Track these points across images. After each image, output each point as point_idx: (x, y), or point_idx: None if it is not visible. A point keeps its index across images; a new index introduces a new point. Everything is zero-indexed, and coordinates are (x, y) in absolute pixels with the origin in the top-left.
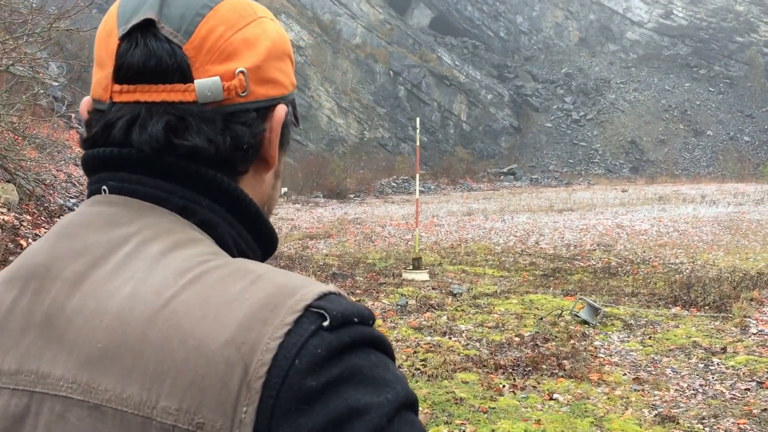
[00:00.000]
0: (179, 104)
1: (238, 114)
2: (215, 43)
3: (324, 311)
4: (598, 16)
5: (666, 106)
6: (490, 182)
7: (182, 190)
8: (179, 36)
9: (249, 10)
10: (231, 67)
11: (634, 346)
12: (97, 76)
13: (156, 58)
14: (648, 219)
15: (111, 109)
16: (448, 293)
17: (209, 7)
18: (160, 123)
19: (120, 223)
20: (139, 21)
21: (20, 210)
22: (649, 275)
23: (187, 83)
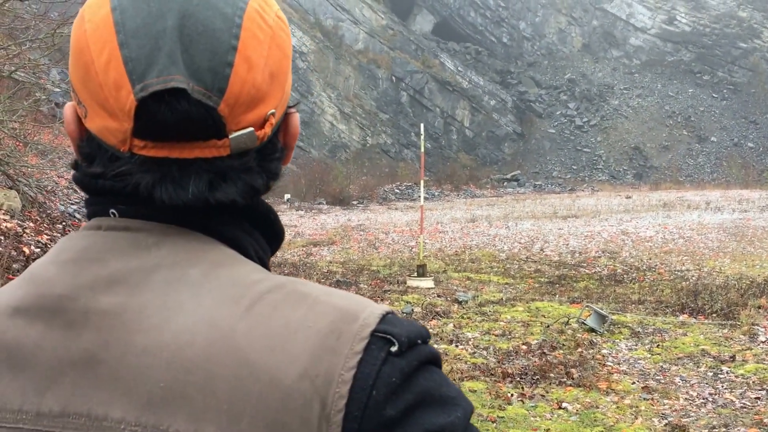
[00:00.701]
0: (213, 160)
1: (268, 149)
2: (248, 94)
3: (390, 336)
4: (602, 22)
5: (670, 112)
6: (493, 189)
7: (203, 209)
8: (213, 97)
9: (264, 27)
10: (262, 111)
11: (642, 355)
12: (106, 123)
13: (189, 120)
14: (653, 226)
15: (131, 160)
16: (454, 300)
17: (234, 48)
18: (202, 182)
19: (147, 246)
20: (166, 89)
21: (23, 217)
22: (655, 282)
23: (221, 139)
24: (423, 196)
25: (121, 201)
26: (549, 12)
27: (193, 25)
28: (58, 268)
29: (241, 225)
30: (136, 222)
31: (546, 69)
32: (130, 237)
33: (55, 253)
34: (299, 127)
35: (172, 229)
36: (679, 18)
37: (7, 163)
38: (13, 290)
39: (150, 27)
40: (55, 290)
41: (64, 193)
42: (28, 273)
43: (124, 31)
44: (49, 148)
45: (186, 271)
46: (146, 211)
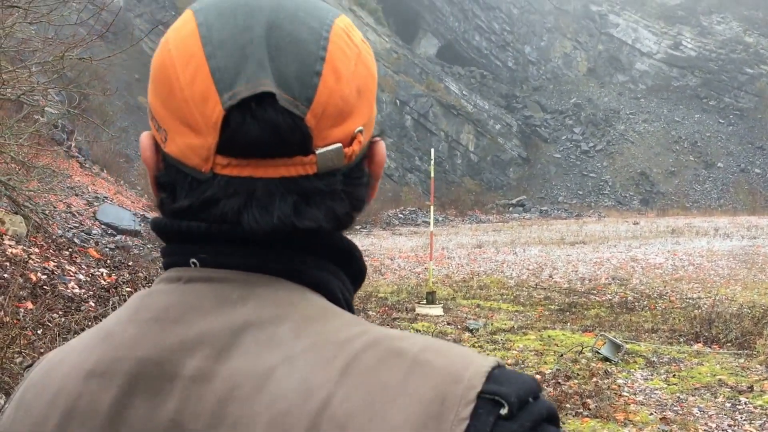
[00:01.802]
0: (298, 179)
1: (355, 172)
2: (335, 106)
3: (499, 397)
4: (607, 47)
5: (676, 137)
6: (499, 214)
7: (284, 251)
8: (300, 106)
9: (351, 44)
10: (350, 127)
11: (658, 385)
12: (188, 141)
13: (275, 132)
14: (662, 252)
15: (213, 181)
16: (465, 329)
17: (322, 59)
18: (287, 204)
19: (232, 302)
20: (255, 94)
21: (28, 243)
22: (667, 310)
23: (308, 155)
24: (432, 221)
25: (202, 248)
26: (554, 36)
27: (281, 36)
28: (137, 328)
29: (327, 266)
30: (219, 272)
31: (551, 93)
32: (214, 291)
33: (132, 311)
34: (386, 156)
35: (256, 279)
36: (684, 43)
37: (13, 188)
38: (86, 350)
39: (237, 38)
40: (135, 353)
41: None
42: (103, 331)
43: (211, 43)
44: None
45: (275, 329)
46: (228, 258)
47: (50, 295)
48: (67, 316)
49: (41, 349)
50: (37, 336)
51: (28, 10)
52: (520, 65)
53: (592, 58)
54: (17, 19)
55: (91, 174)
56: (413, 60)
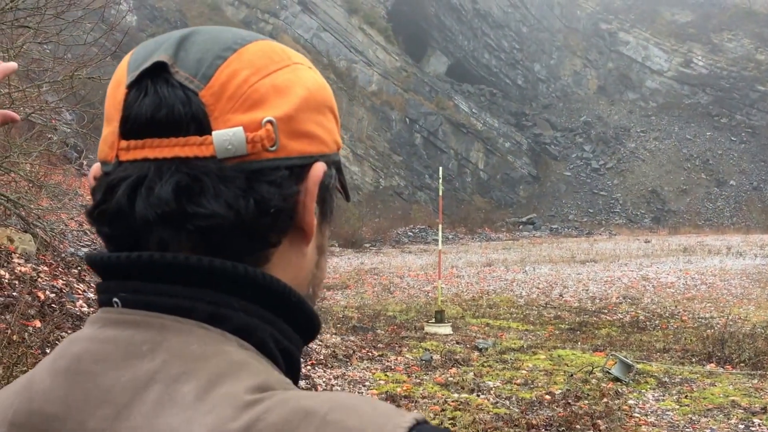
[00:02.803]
0: (195, 160)
1: (266, 171)
2: (238, 89)
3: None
4: (617, 65)
5: (687, 155)
6: (508, 232)
7: (208, 293)
8: (195, 81)
9: (282, 55)
10: (257, 116)
11: (670, 405)
12: (104, 134)
13: (167, 107)
14: (674, 271)
15: (116, 169)
16: (473, 348)
17: (232, 50)
18: (170, 184)
19: (141, 354)
20: (150, 65)
21: (37, 261)
22: (679, 330)
23: (203, 135)
24: (441, 240)
25: (122, 286)
26: (564, 54)
27: (200, 36)
28: (52, 380)
29: (259, 312)
30: (135, 315)
31: (561, 111)
32: (126, 339)
33: (52, 358)
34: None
35: (172, 325)
36: (695, 61)
37: (22, 206)
38: (12, 396)
39: (159, 40)
40: (47, 408)
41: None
42: (27, 379)
43: (137, 51)
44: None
45: (179, 388)
46: (147, 297)
47: (58, 314)
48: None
49: None
50: (44, 355)
51: (38, 30)
52: (529, 83)
53: (602, 76)
54: (27, 39)
55: None
56: (423, 78)
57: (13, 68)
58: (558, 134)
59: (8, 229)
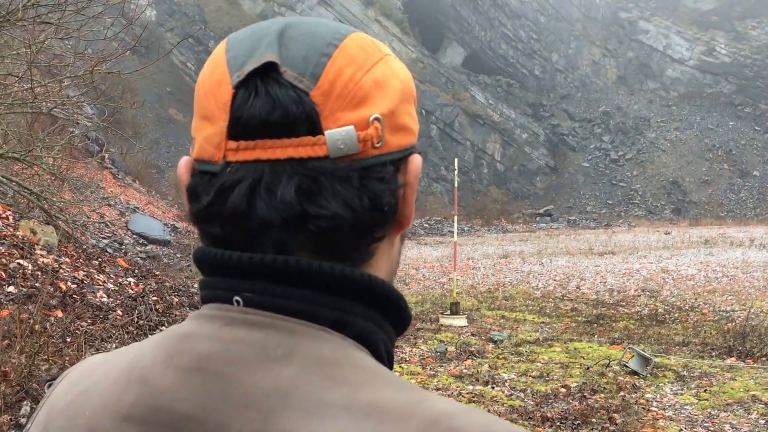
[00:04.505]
0: (309, 161)
1: (375, 168)
2: (345, 87)
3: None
4: (637, 54)
5: (709, 145)
6: (525, 223)
7: (333, 299)
8: (305, 80)
9: (374, 47)
10: (364, 113)
11: (688, 400)
12: (205, 133)
13: (281, 108)
14: (694, 263)
15: (225, 170)
16: (488, 340)
17: (334, 46)
18: (291, 185)
19: (277, 359)
20: (259, 65)
21: (59, 252)
22: (699, 323)
23: (316, 135)
24: (456, 231)
25: (248, 285)
26: (582, 44)
27: (295, 30)
28: (176, 377)
29: (374, 317)
30: (263, 316)
31: (579, 101)
32: (258, 342)
33: (169, 353)
34: (420, 170)
35: (301, 329)
36: (718, 49)
37: (45, 199)
38: (119, 390)
39: (255, 35)
40: (178, 407)
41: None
42: (136, 371)
43: (233, 47)
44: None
45: (323, 396)
46: (274, 300)
47: (79, 304)
48: (94, 325)
49: (67, 357)
50: (65, 344)
51: (59, 25)
52: (547, 73)
53: (622, 66)
54: (49, 35)
55: (123, 184)
56: (439, 69)
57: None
58: (576, 125)
59: (31, 221)
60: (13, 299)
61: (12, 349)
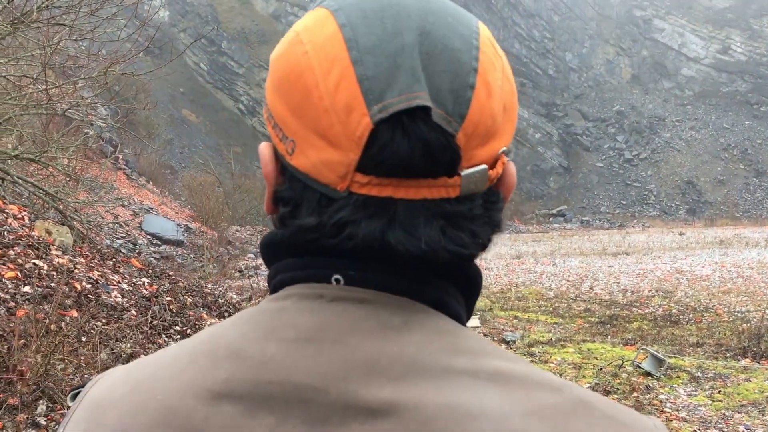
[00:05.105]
0: (440, 201)
1: (492, 195)
2: (485, 124)
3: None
4: (652, 53)
5: (725, 144)
6: (538, 224)
7: (434, 278)
8: (453, 121)
9: (497, 55)
10: (494, 147)
11: (702, 401)
12: (324, 156)
13: (428, 154)
14: (709, 264)
15: (349, 200)
16: (501, 340)
17: (475, 70)
18: (434, 229)
19: (396, 327)
20: (410, 107)
21: (74, 253)
22: (713, 324)
23: (453, 177)
24: None
25: (349, 264)
26: (596, 43)
27: (432, 43)
28: (282, 348)
29: (456, 296)
30: (369, 293)
31: (593, 101)
32: (372, 314)
33: (266, 327)
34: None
35: (409, 305)
36: (734, 47)
37: (60, 200)
38: (205, 367)
39: (387, 44)
40: (290, 377)
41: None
42: (222, 351)
43: (357, 47)
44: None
45: (450, 362)
46: (377, 278)
47: (94, 304)
48: (109, 325)
49: (82, 357)
50: (80, 343)
51: (73, 27)
52: (560, 73)
53: (636, 65)
54: (63, 36)
55: (136, 185)
56: None
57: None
58: (590, 124)
59: (46, 222)
60: (29, 299)
61: (28, 349)
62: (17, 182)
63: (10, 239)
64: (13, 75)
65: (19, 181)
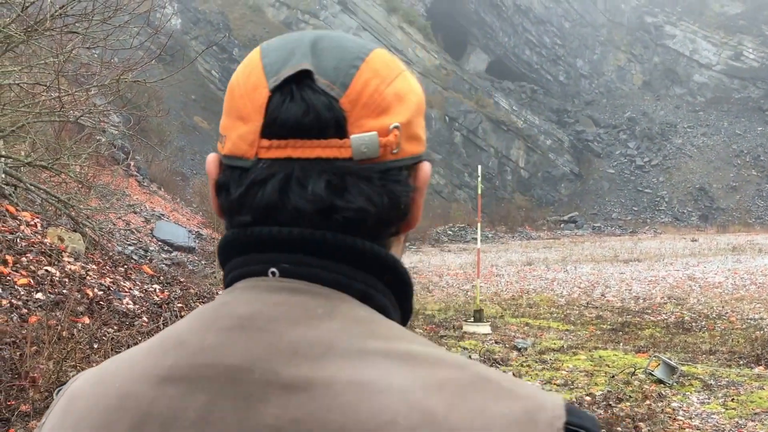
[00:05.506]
0: (334, 161)
1: (392, 172)
2: (371, 97)
3: (582, 430)
4: (663, 59)
5: (737, 151)
6: (550, 230)
7: (361, 273)
8: (336, 88)
9: (395, 63)
10: (386, 122)
11: (715, 409)
12: (239, 131)
13: (314, 111)
14: (722, 271)
15: (257, 165)
16: (512, 347)
17: (361, 59)
18: (321, 181)
19: (319, 316)
20: (295, 72)
21: (86, 259)
22: (726, 331)
23: (343, 138)
24: (480, 238)
25: (284, 257)
26: (608, 49)
27: (325, 44)
28: (219, 336)
29: (385, 291)
30: (300, 283)
31: (605, 107)
32: (301, 303)
33: (207, 319)
34: (430, 177)
35: (336, 296)
36: (746, 53)
37: (72, 206)
38: (153, 357)
39: (288, 44)
40: (223, 360)
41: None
42: (171, 340)
43: (268, 54)
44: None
45: (365, 345)
46: (309, 270)
47: (106, 311)
48: (120, 331)
49: (94, 363)
50: (92, 350)
51: (86, 35)
52: (571, 79)
53: (648, 71)
54: (76, 44)
55: (148, 192)
56: (462, 76)
57: None
58: (601, 131)
59: (59, 229)
60: (41, 306)
61: (40, 356)
62: (30, 189)
63: (23, 246)
64: (27, 83)
65: (31, 188)
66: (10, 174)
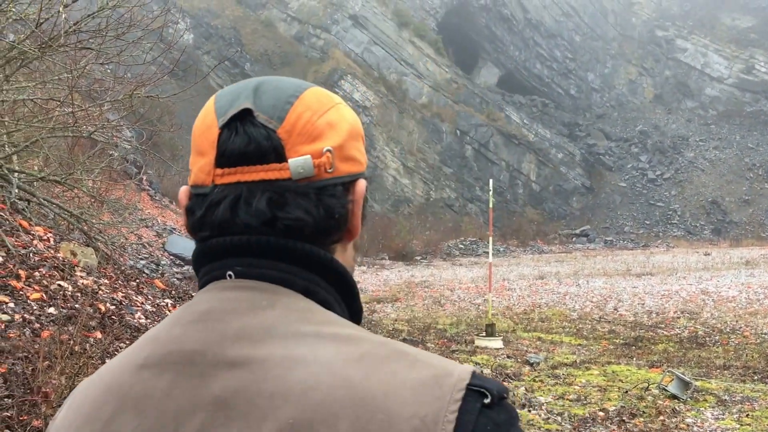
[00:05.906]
0: (276, 181)
1: (328, 188)
2: (304, 127)
3: (484, 389)
4: (674, 72)
5: (750, 164)
6: (561, 244)
7: (303, 272)
8: (273, 122)
9: (328, 97)
10: (318, 146)
11: (730, 425)
12: (199, 164)
13: (255, 143)
14: (735, 285)
15: (213, 191)
16: (525, 362)
17: (296, 96)
18: (263, 199)
19: (263, 307)
20: (238, 111)
21: (98, 274)
22: (741, 346)
23: (281, 162)
24: (491, 252)
25: (238, 262)
26: (619, 63)
27: (266, 86)
28: (182, 329)
29: (334, 294)
30: (250, 282)
31: (616, 121)
32: (248, 297)
33: (176, 317)
34: (365, 193)
35: (281, 290)
36: (758, 67)
37: (85, 221)
38: (135, 351)
39: (236, 90)
40: (184, 346)
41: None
42: (150, 336)
43: (219, 99)
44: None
45: (299, 328)
46: (258, 270)
47: (118, 325)
48: None
49: None
50: (103, 364)
51: (100, 51)
52: (583, 93)
53: (659, 84)
54: (90, 60)
55: (160, 206)
56: (473, 90)
57: None
58: (612, 144)
59: (71, 243)
60: (53, 320)
61: (52, 370)
62: (43, 204)
63: (35, 261)
64: (41, 98)
65: (44, 203)
66: (24, 189)
